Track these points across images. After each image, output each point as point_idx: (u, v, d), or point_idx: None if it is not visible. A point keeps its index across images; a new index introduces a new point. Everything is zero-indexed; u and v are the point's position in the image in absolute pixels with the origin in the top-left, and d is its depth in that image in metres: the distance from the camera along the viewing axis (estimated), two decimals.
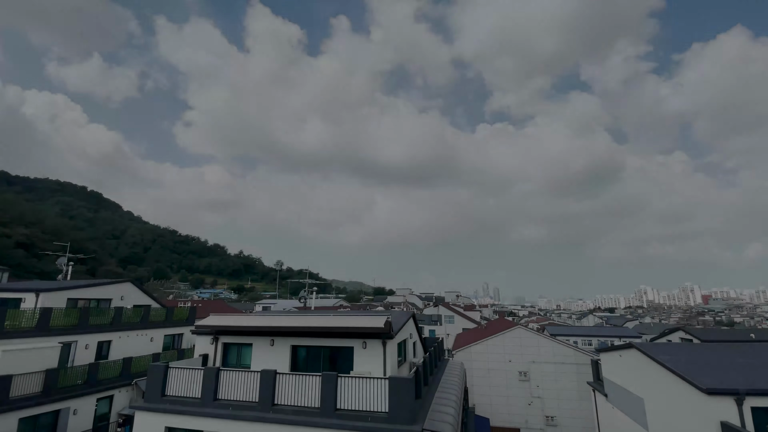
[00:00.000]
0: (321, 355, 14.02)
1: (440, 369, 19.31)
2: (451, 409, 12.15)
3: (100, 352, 19.79)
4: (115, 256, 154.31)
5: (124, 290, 23.22)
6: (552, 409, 28.33)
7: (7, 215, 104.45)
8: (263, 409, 11.32)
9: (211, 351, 14.77)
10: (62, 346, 17.63)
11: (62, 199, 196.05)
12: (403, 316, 17.46)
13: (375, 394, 10.92)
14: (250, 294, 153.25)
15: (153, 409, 12.04)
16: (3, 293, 19.57)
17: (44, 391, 16.09)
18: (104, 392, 18.54)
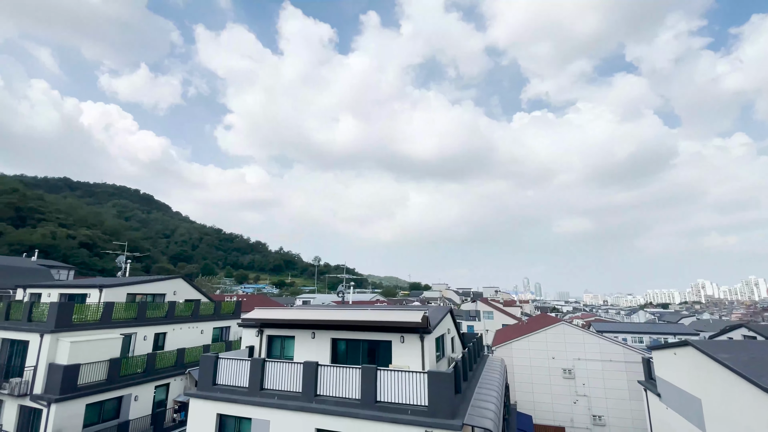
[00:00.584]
0: (360, 348, 14.25)
1: (480, 365, 19.02)
2: (492, 405, 11.95)
3: (156, 343, 21.31)
4: (167, 254, 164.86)
5: (176, 286, 24.81)
6: (599, 408, 27.12)
7: (71, 218, 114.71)
8: (307, 399, 11.71)
9: (257, 343, 15.44)
10: (123, 338, 19.17)
11: (119, 202, 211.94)
12: (440, 311, 17.35)
13: (414, 387, 10.96)
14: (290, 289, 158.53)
15: (206, 396, 12.82)
16: (71, 289, 21.54)
17: (108, 379, 17.56)
18: (161, 380, 19.96)
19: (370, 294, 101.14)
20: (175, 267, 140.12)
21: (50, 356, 16.63)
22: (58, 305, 17.23)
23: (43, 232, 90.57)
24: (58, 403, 15.68)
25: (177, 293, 24.65)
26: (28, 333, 17.43)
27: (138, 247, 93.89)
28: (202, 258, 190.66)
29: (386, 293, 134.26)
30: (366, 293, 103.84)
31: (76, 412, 16.27)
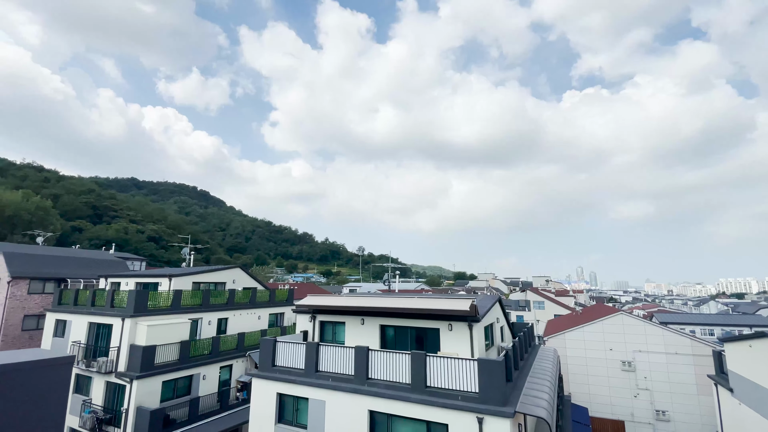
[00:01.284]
0: (408, 335, 14.50)
1: (531, 355, 18.58)
2: (546, 395, 11.69)
3: (219, 327, 23.07)
4: (223, 246, 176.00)
5: (234, 275, 26.57)
6: (663, 402, 25.45)
7: (139, 214, 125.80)
8: (359, 382, 12.18)
9: (310, 328, 16.23)
10: (191, 322, 20.96)
11: (179, 199, 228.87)
12: (488, 300, 17.11)
13: (464, 374, 11.01)
14: (337, 278, 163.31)
15: (266, 377, 13.76)
16: (145, 279, 23.82)
17: (180, 359, 19.34)
18: (225, 362, 21.64)
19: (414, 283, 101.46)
20: (231, 258, 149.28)
21: (131, 338, 18.61)
22: (135, 293, 19.18)
23: (117, 228, 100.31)
24: (139, 380, 17.57)
25: (236, 282, 26.39)
26: (111, 317, 19.59)
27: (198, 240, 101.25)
28: (255, 249, 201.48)
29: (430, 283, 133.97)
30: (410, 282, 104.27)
31: (154, 388, 18.14)
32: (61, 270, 28.67)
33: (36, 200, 65.29)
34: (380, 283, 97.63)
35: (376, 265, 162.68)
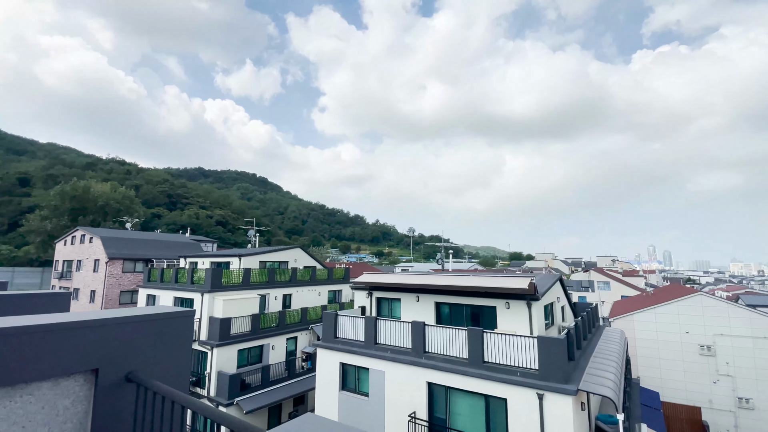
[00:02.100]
0: (463, 313, 14.62)
1: (595, 336, 17.83)
2: (611, 374, 11.29)
3: (284, 302, 24.86)
4: (282, 228, 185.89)
5: (296, 254, 28.28)
6: (747, 390, 23.23)
7: (207, 201, 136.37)
8: (416, 355, 12.63)
9: (368, 304, 16.95)
10: (260, 297, 22.81)
11: (241, 185, 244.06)
12: (549, 279, 16.61)
13: (523, 351, 10.97)
14: (389, 258, 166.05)
15: (329, 347, 14.74)
16: (218, 258, 26.19)
17: (252, 331, 21.24)
18: (291, 334, 23.39)
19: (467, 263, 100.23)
20: (290, 239, 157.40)
21: (209, 311, 20.75)
22: (211, 271, 21.23)
23: (189, 214, 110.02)
24: (218, 348, 19.64)
25: (297, 261, 28.08)
26: (192, 292, 21.93)
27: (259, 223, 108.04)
28: (311, 231, 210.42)
29: (484, 263, 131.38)
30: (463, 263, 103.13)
31: (231, 356, 20.20)
32: (148, 251, 32.39)
33: (122, 191, 73.48)
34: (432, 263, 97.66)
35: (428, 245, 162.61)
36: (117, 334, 2.17)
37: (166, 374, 2.31)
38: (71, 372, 2.03)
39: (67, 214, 57.96)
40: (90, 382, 2.11)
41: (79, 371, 2.06)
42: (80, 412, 2.08)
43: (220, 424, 1.75)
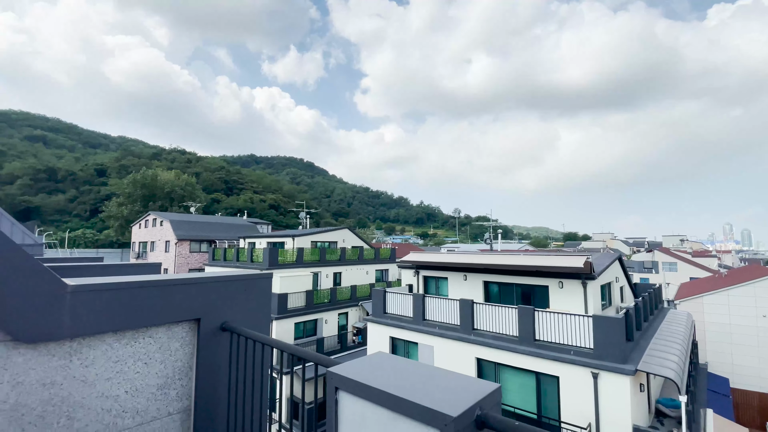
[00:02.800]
0: (513, 292, 14.43)
1: (658, 317, 16.83)
2: (674, 356, 10.70)
3: (335, 280, 25.98)
4: (329, 211, 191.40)
5: (344, 235, 29.25)
6: None
7: (260, 186, 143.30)
8: (465, 332, 12.78)
9: (415, 282, 17.26)
10: (312, 275, 24.02)
11: (290, 170, 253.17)
12: (606, 258, 15.83)
13: (577, 330, 10.71)
14: (433, 239, 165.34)
15: (379, 322, 15.32)
16: (274, 239, 27.81)
17: (306, 306, 22.53)
18: (342, 309, 24.50)
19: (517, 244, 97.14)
20: (337, 221, 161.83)
21: None
22: (268, 250, 22.66)
23: (245, 198, 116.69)
24: (277, 320, 21.12)
25: (345, 241, 29.03)
26: (252, 270, 23.56)
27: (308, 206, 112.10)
28: (356, 213, 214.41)
29: (535, 244, 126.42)
30: (512, 244, 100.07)
31: (289, 328, 21.66)
32: (211, 233, 35.06)
33: (185, 178, 79.48)
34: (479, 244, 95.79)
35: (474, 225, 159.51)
36: (214, 291, 2.56)
37: (251, 325, 2.68)
38: (180, 320, 2.44)
39: (139, 201, 64.02)
40: (194, 330, 2.52)
41: (185, 320, 2.47)
42: (187, 354, 2.50)
43: (300, 358, 2.04)
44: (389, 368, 1.54)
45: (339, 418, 1.49)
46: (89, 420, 2.08)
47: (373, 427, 1.36)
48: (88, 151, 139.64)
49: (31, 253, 2.01)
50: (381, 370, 1.52)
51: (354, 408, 1.44)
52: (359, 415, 1.41)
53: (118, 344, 2.20)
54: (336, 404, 1.51)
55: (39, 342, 1.93)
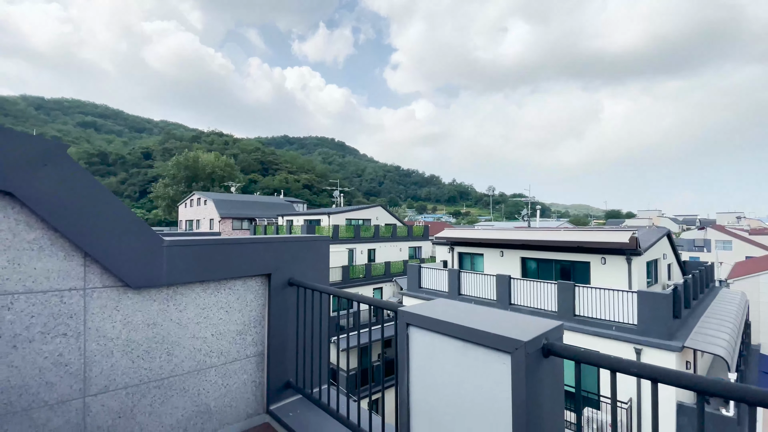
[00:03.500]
0: (552, 269, 14.19)
1: (708, 296, 16.02)
2: (725, 335, 10.24)
3: (369, 256, 26.55)
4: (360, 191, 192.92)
5: (377, 212, 29.61)
6: None
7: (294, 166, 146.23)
8: (502, 306, 12.82)
9: (449, 258, 17.34)
10: (348, 251, 24.67)
11: (322, 150, 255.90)
12: (654, 234, 15.13)
13: (619, 306, 10.47)
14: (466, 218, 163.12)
15: (414, 295, 15.64)
16: (310, 216, 28.64)
17: (342, 280, 23.28)
18: (376, 284, 25.12)
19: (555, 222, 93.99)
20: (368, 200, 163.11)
21: None
22: (306, 227, 23.44)
23: (280, 178, 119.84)
24: None
25: (378, 219, 29.40)
26: None
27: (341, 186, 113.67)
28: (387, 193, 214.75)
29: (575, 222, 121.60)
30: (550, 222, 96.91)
31: None
32: (251, 211, 36.58)
33: (224, 159, 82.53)
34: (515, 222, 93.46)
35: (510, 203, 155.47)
36: (282, 250, 2.81)
37: (312, 281, 2.93)
38: (254, 275, 2.72)
39: (183, 181, 67.46)
40: (265, 284, 2.80)
41: (258, 275, 2.74)
42: (260, 305, 2.78)
43: (360, 303, 2.25)
44: (454, 309, 1.69)
45: (410, 351, 1.67)
46: (184, 357, 2.41)
47: (444, 355, 1.52)
48: (134, 135, 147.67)
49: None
50: (447, 310, 1.67)
51: (424, 340, 1.61)
52: (430, 346, 1.58)
53: (204, 293, 2.51)
54: (407, 339, 1.69)
55: (143, 288, 2.25)
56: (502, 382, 1.33)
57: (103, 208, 2.09)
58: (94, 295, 2.09)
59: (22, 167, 1.85)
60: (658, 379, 1.11)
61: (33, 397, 1.92)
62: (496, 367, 1.35)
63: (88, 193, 2.05)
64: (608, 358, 1.22)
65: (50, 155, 1.93)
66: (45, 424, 1.95)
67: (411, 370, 1.67)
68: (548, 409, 1.39)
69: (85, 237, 2.03)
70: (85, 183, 2.04)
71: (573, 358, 1.30)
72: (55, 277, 1.98)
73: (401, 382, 1.71)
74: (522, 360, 1.27)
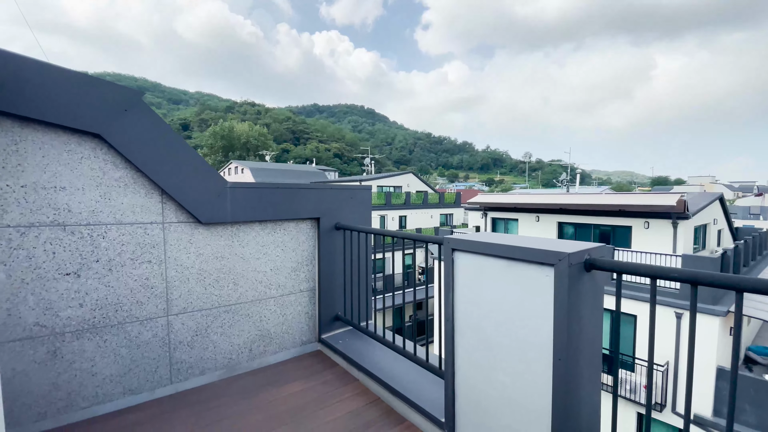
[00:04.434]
0: (591, 233, 13.80)
1: (761, 263, 15.11)
2: None
3: (400, 223, 26.82)
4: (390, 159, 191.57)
5: (408, 180, 29.54)
6: None
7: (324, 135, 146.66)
8: None
9: (482, 224, 17.24)
10: (380, 217, 25.02)
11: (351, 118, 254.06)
12: (704, 198, 14.24)
13: None
14: (500, 186, 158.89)
15: None
16: (342, 184, 29.11)
17: (374, 246, 23.75)
18: (407, 250, 25.47)
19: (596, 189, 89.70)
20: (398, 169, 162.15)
21: None
22: None
23: (311, 148, 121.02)
24: None
25: (409, 186, 29.37)
26: None
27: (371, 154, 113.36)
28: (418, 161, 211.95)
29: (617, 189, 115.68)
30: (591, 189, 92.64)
31: None
32: (286, 179, 37.57)
33: (257, 129, 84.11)
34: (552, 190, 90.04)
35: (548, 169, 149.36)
36: (329, 197, 3.00)
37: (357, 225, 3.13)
38: (305, 218, 2.94)
39: (220, 151, 69.79)
40: (315, 227, 3.02)
41: (309, 218, 2.96)
42: (311, 245, 3.02)
43: (403, 238, 2.40)
44: (497, 236, 1.81)
45: (455, 274, 1.82)
46: (247, 287, 2.70)
47: (487, 274, 1.66)
48: (172, 107, 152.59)
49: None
50: (491, 236, 1.79)
51: (469, 262, 1.75)
52: (474, 267, 1.72)
53: (263, 232, 2.76)
54: (452, 263, 1.83)
55: (211, 224, 2.51)
56: (545, 293, 1.45)
57: (175, 151, 2.33)
58: (171, 228, 2.37)
59: (108, 112, 2.09)
60: (698, 281, 1.18)
61: (126, 313, 2.26)
62: (539, 279, 1.47)
63: (162, 137, 2.28)
64: (648, 267, 1.29)
65: (130, 102, 2.16)
66: (137, 337, 2.30)
67: (456, 289, 1.82)
68: (587, 321, 1.50)
69: (162, 177, 2.28)
70: (159, 128, 2.27)
71: (614, 270, 1.39)
72: (139, 212, 2.27)
73: (446, 303, 1.88)
74: (565, 272, 1.38)
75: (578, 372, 1.46)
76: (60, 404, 2.08)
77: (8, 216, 1.91)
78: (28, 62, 1.87)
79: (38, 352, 2.01)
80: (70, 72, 1.99)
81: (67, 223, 2.06)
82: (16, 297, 1.94)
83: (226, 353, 2.62)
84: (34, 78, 1.89)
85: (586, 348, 1.49)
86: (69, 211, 2.06)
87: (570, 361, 1.41)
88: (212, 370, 2.57)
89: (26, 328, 1.98)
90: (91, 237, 2.12)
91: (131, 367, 2.28)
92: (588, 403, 1.53)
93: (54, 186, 2.02)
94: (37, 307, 2.00)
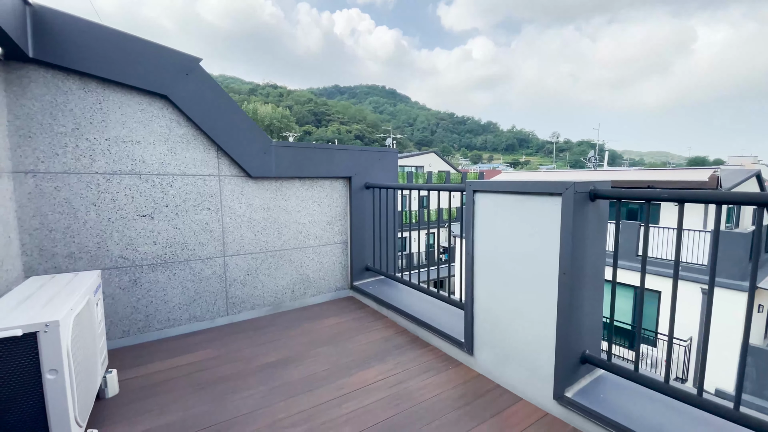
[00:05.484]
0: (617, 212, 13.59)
1: None
2: None
3: (421, 203, 26.94)
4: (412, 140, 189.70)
5: (430, 159, 29.45)
6: None
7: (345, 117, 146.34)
8: None
9: None
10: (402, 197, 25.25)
11: (373, 99, 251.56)
12: (738, 174, 13.69)
13: (689, 246, 10.00)
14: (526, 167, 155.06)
15: None
16: None
17: None
18: (429, 230, 25.71)
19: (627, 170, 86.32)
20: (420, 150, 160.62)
21: None
22: None
23: (333, 129, 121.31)
24: None
25: (431, 165, 29.30)
26: None
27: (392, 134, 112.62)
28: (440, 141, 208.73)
29: None
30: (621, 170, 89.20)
31: None
32: None
33: (280, 111, 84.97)
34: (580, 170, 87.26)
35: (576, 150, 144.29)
36: (360, 158, 3.28)
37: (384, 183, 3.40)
38: (338, 176, 3.23)
39: None
40: (347, 186, 3.32)
41: (341, 177, 3.25)
42: (343, 203, 3.32)
43: (428, 189, 2.65)
44: (512, 175, 2.04)
45: (476, 213, 2.07)
46: (289, 236, 3.04)
47: (504, 209, 1.90)
48: None
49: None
50: (507, 177, 2.02)
51: (487, 200, 1.99)
52: (493, 203, 1.96)
53: (302, 187, 3.08)
54: (473, 204, 2.08)
55: (259, 178, 2.84)
56: (553, 219, 1.68)
57: (228, 112, 2.64)
58: (225, 180, 2.71)
59: (173, 76, 2.41)
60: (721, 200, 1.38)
61: (191, 252, 2.64)
62: (548, 208, 1.70)
63: (218, 98, 2.59)
64: (647, 191, 1.50)
65: (190, 67, 2.47)
66: (200, 273, 2.68)
67: (476, 227, 2.08)
68: (591, 244, 1.73)
69: (218, 134, 2.61)
70: (215, 91, 2.58)
71: (616, 197, 1.60)
72: (199, 165, 2.61)
73: (467, 240, 2.14)
74: (571, 198, 1.60)
75: (581, 286, 1.70)
76: (140, 324, 2.49)
77: (96, 164, 2.28)
78: (110, 31, 2.20)
79: (122, 279, 2.42)
80: (143, 39, 2.31)
81: (142, 173, 2.42)
82: (104, 233, 2.33)
83: (272, 292, 2.99)
84: (115, 44, 2.22)
85: (588, 267, 1.73)
86: (143, 162, 2.42)
87: (573, 276, 1.65)
88: (261, 306, 2.95)
89: (113, 259, 2.38)
90: (161, 185, 2.49)
91: (195, 297, 2.67)
92: (589, 314, 1.78)
93: (131, 140, 2.37)
94: (121, 242, 2.39)
